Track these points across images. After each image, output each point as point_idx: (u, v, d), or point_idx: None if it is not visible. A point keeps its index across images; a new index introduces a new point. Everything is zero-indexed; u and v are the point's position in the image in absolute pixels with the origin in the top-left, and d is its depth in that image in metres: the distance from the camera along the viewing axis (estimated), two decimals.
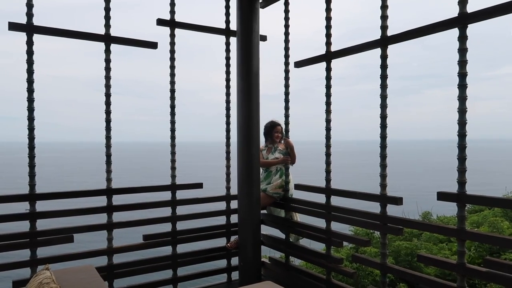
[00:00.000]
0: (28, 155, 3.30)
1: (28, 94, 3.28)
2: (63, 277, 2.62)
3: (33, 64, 3.29)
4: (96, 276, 2.70)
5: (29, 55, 3.26)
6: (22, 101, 3.36)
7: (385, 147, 3.11)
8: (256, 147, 3.89)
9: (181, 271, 4.02)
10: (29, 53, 3.26)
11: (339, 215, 3.50)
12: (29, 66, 3.27)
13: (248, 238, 3.90)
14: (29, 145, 3.29)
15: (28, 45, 3.26)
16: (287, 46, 4.09)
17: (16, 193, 3.30)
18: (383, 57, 3.10)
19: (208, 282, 4.25)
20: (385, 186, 3.11)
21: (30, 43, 3.27)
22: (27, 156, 3.30)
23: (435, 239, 7.03)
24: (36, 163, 3.35)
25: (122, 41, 3.67)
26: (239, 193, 3.94)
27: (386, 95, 3.11)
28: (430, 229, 2.96)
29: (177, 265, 3.97)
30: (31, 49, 3.27)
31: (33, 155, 3.31)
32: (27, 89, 3.27)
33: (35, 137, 3.32)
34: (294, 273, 4.02)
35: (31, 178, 3.31)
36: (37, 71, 3.38)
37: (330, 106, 3.63)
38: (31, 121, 3.30)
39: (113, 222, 3.64)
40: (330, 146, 3.63)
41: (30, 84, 3.28)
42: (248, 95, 3.83)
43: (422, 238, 7.13)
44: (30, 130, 3.29)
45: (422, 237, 7.16)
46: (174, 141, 3.96)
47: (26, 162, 3.33)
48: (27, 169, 3.30)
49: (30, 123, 3.30)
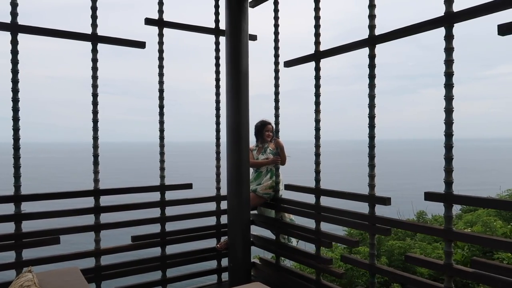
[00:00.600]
0: (13, 156, 3.26)
1: (13, 94, 3.24)
2: (46, 279, 2.59)
3: (17, 63, 3.25)
4: (81, 278, 2.67)
5: (14, 54, 3.22)
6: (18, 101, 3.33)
7: (373, 147, 3.09)
8: (245, 146, 3.86)
9: (171, 272, 3.99)
10: (13, 53, 3.22)
11: (328, 216, 3.48)
12: (13, 65, 3.23)
13: (238, 238, 3.87)
14: (14, 146, 3.25)
15: (13, 45, 3.22)
16: (277, 46, 4.07)
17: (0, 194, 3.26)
18: (371, 57, 3.08)
19: (198, 283, 4.21)
20: (373, 186, 3.09)
21: (14, 43, 3.22)
22: (12, 157, 3.26)
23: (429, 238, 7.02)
24: (33, 163, 3.34)
25: (109, 41, 3.63)
26: (228, 193, 3.91)
27: (374, 95, 3.09)
28: (417, 230, 2.95)
29: (166, 266, 3.94)
30: (15, 48, 3.23)
31: (18, 156, 3.27)
32: (12, 89, 3.23)
33: (20, 138, 3.28)
34: (284, 273, 4.00)
35: (16, 179, 3.27)
36: (33, 72, 3.46)
37: (319, 106, 3.61)
38: (16, 122, 3.26)
39: (101, 223, 3.60)
40: (320, 146, 3.61)
41: (15, 84, 3.24)
42: (237, 94, 3.80)
43: (417, 238, 7.13)
44: (15, 131, 3.25)
45: (417, 236, 7.16)
46: (163, 141, 3.92)
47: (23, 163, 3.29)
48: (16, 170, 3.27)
49: (15, 123, 3.26)
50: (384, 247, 6.14)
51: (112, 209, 3.68)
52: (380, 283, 5.16)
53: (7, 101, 3.24)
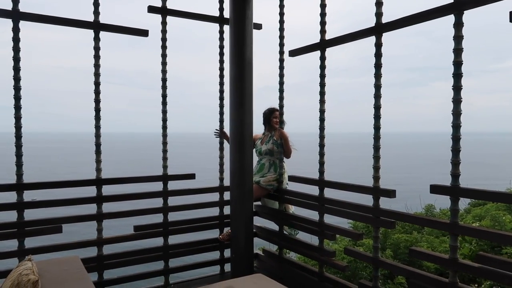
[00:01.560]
0: (15, 144, 3.25)
1: (14, 82, 3.21)
2: (46, 268, 2.59)
3: (19, 51, 3.22)
4: (80, 267, 2.66)
5: (15, 42, 3.20)
6: (23, 92, 3.31)
7: (378, 138, 3.01)
8: (248, 136, 3.80)
9: (173, 263, 3.99)
10: (15, 40, 3.20)
11: (332, 208, 3.42)
12: (15, 53, 3.20)
13: (240, 230, 3.84)
14: (16, 134, 3.23)
15: (14, 32, 3.19)
16: (282, 35, 3.99)
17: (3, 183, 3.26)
18: (377, 45, 2.99)
19: (200, 273, 4.21)
20: (378, 178, 3.02)
21: (16, 30, 3.20)
22: (14, 145, 3.24)
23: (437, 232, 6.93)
24: (42, 153, 3.33)
25: (112, 29, 3.58)
26: (231, 184, 3.87)
27: (380, 85, 3.00)
28: (422, 223, 2.88)
29: (169, 257, 3.93)
30: (17, 36, 3.20)
31: (20, 144, 3.26)
32: (14, 77, 3.21)
33: (22, 126, 3.27)
34: (287, 265, 3.96)
35: (18, 167, 3.27)
36: (42, 62, 3.44)
37: (324, 96, 3.54)
38: (17, 110, 3.24)
39: (103, 213, 3.59)
40: (324, 137, 3.54)
41: (16, 71, 3.22)
42: (241, 83, 3.74)
43: (424, 231, 7.04)
44: (16, 119, 3.24)
45: (424, 230, 7.07)
46: (165, 131, 3.89)
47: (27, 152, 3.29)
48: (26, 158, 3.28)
49: (17, 111, 3.24)
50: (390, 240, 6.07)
51: (114, 198, 3.67)
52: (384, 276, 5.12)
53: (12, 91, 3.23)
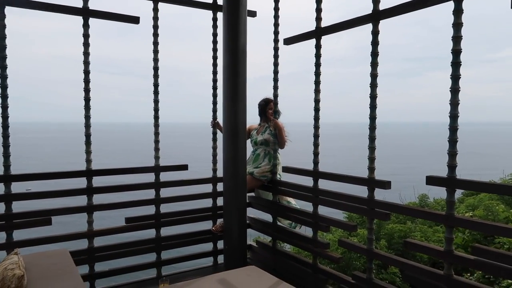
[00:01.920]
0: (2, 134, 3.15)
1: (0, 71, 3.11)
2: (33, 262, 2.53)
3: (5, 38, 3.11)
4: (69, 261, 2.60)
5: (1, 28, 3.09)
6: None
7: (374, 128, 2.96)
8: (241, 126, 3.73)
9: (165, 255, 3.94)
10: (1, 26, 3.09)
11: (326, 199, 3.38)
12: (1, 40, 3.09)
13: (233, 221, 3.79)
14: (2, 124, 3.14)
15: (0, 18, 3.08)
16: (277, 22, 3.91)
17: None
18: (374, 33, 2.92)
19: (193, 265, 4.17)
20: (373, 169, 2.97)
21: (1, 16, 3.09)
22: (1, 135, 3.15)
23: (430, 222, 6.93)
24: (38, 143, 3.26)
25: (101, 15, 3.48)
26: (224, 174, 3.81)
27: (376, 74, 2.94)
28: (417, 215, 2.84)
29: (161, 248, 3.88)
30: (3, 22, 3.09)
31: (7, 134, 3.16)
32: (0, 65, 3.11)
33: (9, 116, 3.17)
34: (281, 257, 3.93)
35: (5, 158, 3.18)
36: (38, 50, 3.28)
37: (319, 86, 3.47)
38: (4, 99, 3.14)
39: (93, 205, 3.52)
40: (319, 127, 3.48)
41: (2, 60, 3.11)
42: (234, 71, 3.65)
43: (418, 221, 7.04)
44: (3, 108, 3.14)
45: (418, 220, 7.08)
46: (157, 121, 3.81)
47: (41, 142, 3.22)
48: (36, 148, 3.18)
49: (4, 101, 3.14)
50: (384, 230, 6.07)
51: (105, 190, 3.60)
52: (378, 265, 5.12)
53: (21, 81, 3.13)
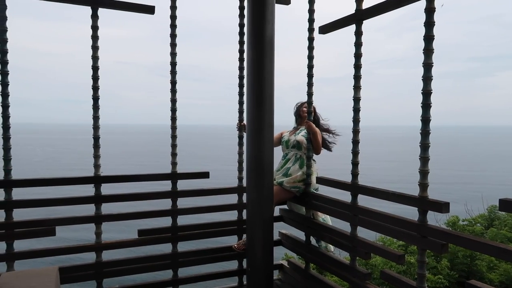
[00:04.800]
0: (3, 136, 2.89)
1: (1, 67, 2.85)
2: (10, 283, 2.19)
3: (6, 31, 2.85)
4: (51, 284, 2.23)
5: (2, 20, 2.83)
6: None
7: (427, 133, 2.31)
8: (268, 128, 3.19)
9: (183, 272, 3.50)
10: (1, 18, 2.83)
11: (366, 219, 2.76)
12: (1, 33, 2.84)
13: (257, 238, 3.26)
14: (3, 125, 2.87)
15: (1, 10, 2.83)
16: (312, 8, 3.34)
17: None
18: (428, 11, 2.28)
19: (216, 285, 3.70)
20: (425, 186, 2.32)
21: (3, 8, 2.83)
22: (1, 137, 2.89)
23: (502, 236, 5.95)
24: (100, 144, 3.07)
25: (111, 5, 3.13)
26: (247, 184, 3.29)
27: (431, 77, 2.29)
28: (492, 252, 2.07)
29: (178, 265, 3.45)
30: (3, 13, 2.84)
31: (8, 136, 2.89)
32: (0, 61, 2.85)
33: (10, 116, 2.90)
34: (313, 283, 3.35)
35: (6, 162, 2.92)
36: (102, 57, 3.13)
37: (360, 81, 2.87)
38: (5, 97, 2.87)
39: (102, 214, 3.18)
40: (359, 131, 2.88)
41: (3, 54, 2.85)
42: (259, 66, 3.13)
43: (487, 235, 6.10)
44: (4, 108, 2.87)
45: (487, 234, 6.14)
46: (175, 123, 3.40)
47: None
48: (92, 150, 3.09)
49: (4, 99, 2.87)
50: None
51: (115, 198, 3.25)
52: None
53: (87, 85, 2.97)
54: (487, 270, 5.19)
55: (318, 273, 3.60)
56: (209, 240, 3.61)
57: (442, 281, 4.58)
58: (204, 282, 3.62)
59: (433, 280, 4.43)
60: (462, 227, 6.28)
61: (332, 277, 4.33)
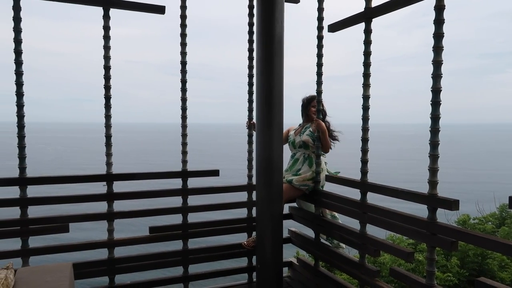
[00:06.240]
0: (18, 135, 2.96)
1: (16, 67, 2.91)
2: (26, 278, 2.25)
3: (20, 32, 2.91)
4: (65, 279, 2.28)
5: (16, 21, 2.89)
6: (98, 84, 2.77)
7: (436, 131, 2.31)
8: (277, 126, 3.21)
9: (193, 269, 3.55)
10: (16, 19, 2.89)
11: (376, 217, 2.77)
12: (16, 34, 2.90)
13: (267, 235, 3.29)
14: (18, 124, 2.94)
15: (15, 10, 2.89)
16: (321, 7, 3.35)
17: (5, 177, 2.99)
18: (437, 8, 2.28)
19: (225, 282, 3.74)
20: (435, 184, 2.33)
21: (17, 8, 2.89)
22: (17, 136, 2.96)
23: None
24: (112, 142, 3.14)
25: (123, 5, 3.18)
26: (257, 182, 3.32)
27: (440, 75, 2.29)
28: (498, 249, 2.08)
29: (188, 262, 3.50)
30: (18, 15, 2.90)
31: (23, 134, 2.97)
32: (15, 61, 2.91)
33: (25, 115, 2.97)
34: (322, 280, 3.37)
35: (21, 160, 2.98)
36: (112, 56, 3.15)
37: (369, 79, 2.87)
38: (20, 97, 2.94)
39: (114, 212, 3.23)
40: (368, 129, 2.88)
41: (18, 55, 2.91)
42: (269, 64, 3.16)
43: (499, 233, 6.03)
44: (18, 107, 2.94)
45: (499, 232, 6.06)
46: (185, 121, 3.44)
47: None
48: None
49: (19, 99, 2.94)
50: None
51: (127, 196, 3.30)
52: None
53: (93, 85, 2.90)
54: (499, 269, 5.13)
55: (328, 270, 3.61)
56: (219, 238, 3.65)
57: (452, 278, 4.54)
58: (214, 279, 3.66)
59: (442, 278, 4.40)
60: (473, 225, 6.22)
61: (341, 274, 4.34)
